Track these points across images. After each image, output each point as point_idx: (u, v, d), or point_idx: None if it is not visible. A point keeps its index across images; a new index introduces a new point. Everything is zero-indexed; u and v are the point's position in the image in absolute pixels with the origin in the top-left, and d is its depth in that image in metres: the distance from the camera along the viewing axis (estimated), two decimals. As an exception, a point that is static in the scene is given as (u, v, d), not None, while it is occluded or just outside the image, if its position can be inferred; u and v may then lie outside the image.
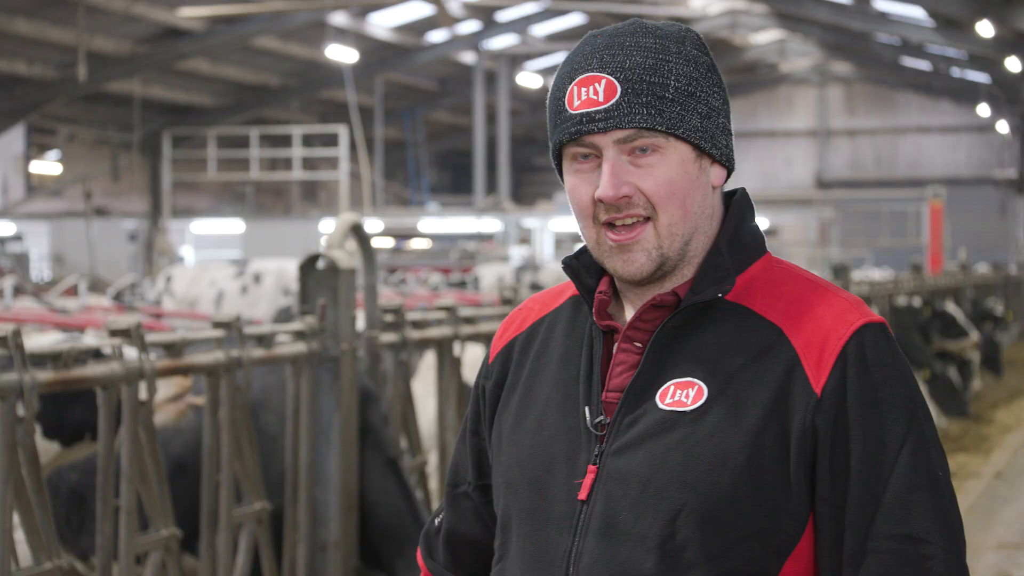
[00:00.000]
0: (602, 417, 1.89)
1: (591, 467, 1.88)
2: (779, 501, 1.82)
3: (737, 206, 1.96)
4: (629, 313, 1.94)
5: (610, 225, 1.87)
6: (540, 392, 1.98)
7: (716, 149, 1.91)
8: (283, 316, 9.89)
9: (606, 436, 1.88)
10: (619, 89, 1.85)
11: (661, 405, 1.86)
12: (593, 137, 1.86)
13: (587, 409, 1.91)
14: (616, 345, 1.92)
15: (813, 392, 1.82)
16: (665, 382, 1.87)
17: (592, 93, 1.86)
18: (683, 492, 1.81)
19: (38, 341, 4.84)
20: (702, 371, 1.85)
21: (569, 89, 1.88)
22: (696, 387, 1.85)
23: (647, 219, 1.87)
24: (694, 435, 1.83)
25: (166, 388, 4.62)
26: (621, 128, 1.85)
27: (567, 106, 1.88)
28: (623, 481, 1.85)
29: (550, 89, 1.94)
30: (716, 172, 1.92)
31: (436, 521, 2.18)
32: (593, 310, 1.95)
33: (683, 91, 1.87)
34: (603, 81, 1.86)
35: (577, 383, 1.94)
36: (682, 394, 1.85)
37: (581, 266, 1.97)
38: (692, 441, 1.82)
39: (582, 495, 1.87)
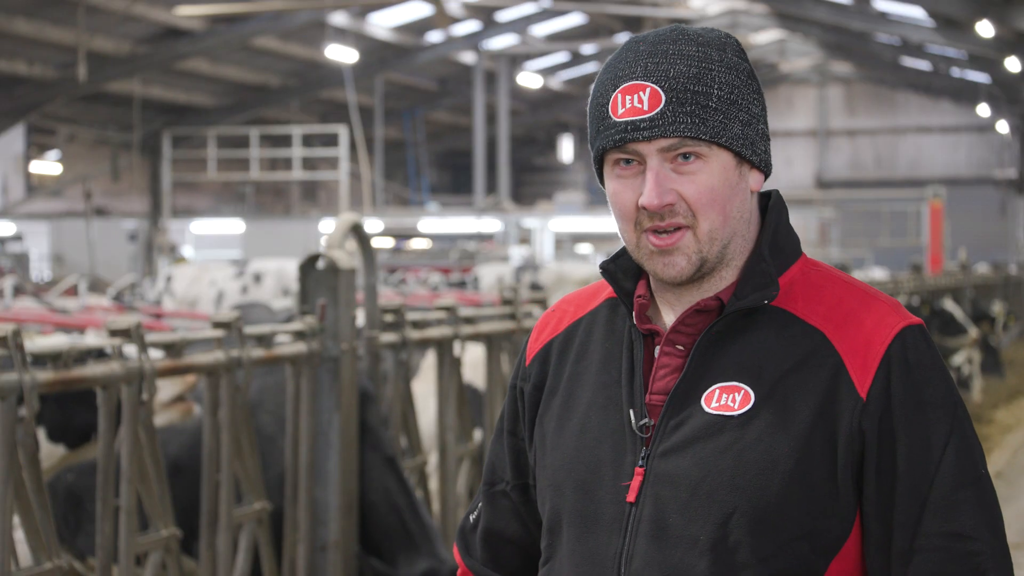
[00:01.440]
0: (647, 419, 1.92)
1: (638, 469, 1.91)
2: (827, 503, 1.86)
3: (774, 209, 2.00)
4: (667, 316, 1.97)
5: (652, 231, 1.90)
6: (582, 395, 2.00)
7: (756, 155, 1.94)
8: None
9: (652, 438, 1.91)
10: (663, 98, 1.88)
11: (707, 409, 1.89)
12: (637, 145, 1.89)
13: (631, 411, 1.94)
14: (658, 348, 1.95)
15: (859, 396, 1.86)
16: (710, 386, 1.90)
17: (636, 101, 1.89)
18: (734, 496, 1.85)
19: (42, 342, 4.85)
20: (748, 376, 1.89)
21: (613, 96, 1.91)
22: (743, 392, 1.89)
23: (687, 227, 1.90)
24: (743, 439, 1.86)
25: (171, 388, 4.63)
26: (666, 137, 1.88)
27: (611, 113, 1.91)
28: (672, 484, 1.88)
29: (591, 94, 1.96)
30: (755, 177, 1.96)
31: (471, 518, 2.19)
32: (633, 314, 1.97)
33: (726, 99, 1.90)
34: (648, 90, 1.88)
35: (619, 386, 1.97)
36: (728, 398, 1.89)
37: (618, 269, 2.00)
38: (741, 445, 1.86)
39: (630, 497, 1.90)
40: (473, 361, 6.85)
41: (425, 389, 6.57)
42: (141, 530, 4.12)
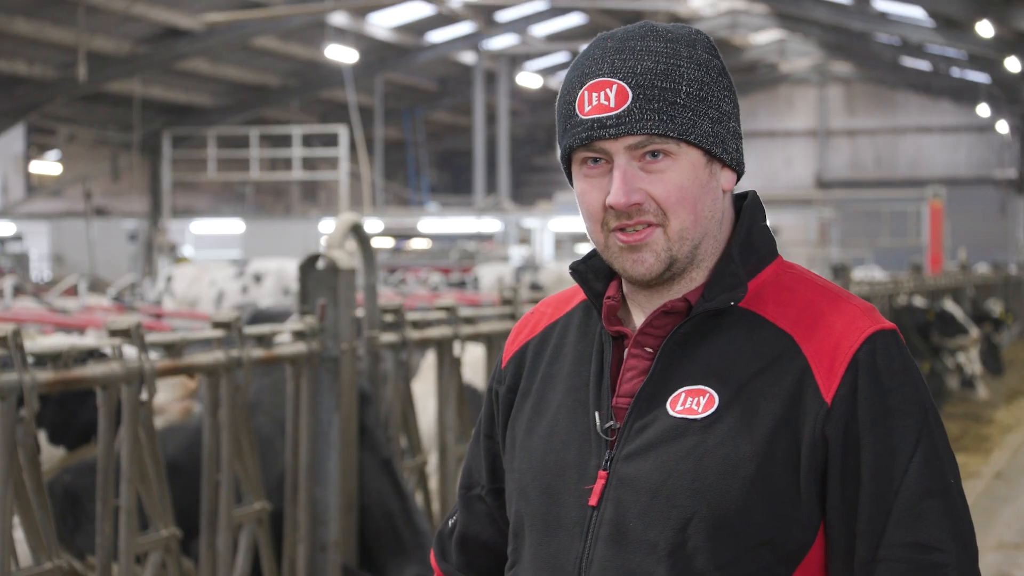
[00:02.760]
0: (612, 422, 1.89)
1: (601, 472, 1.88)
2: (789, 510, 1.81)
3: (748, 210, 1.95)
4: (638, 318, 1.94)
5: (620, 229, 1.87)
6: (552, 398, 1.97)
7: (727, 154, 1.90)
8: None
9: (616, 441, 1.88)
10: (630, 95, 1.84)
11: (672, 412, 1.85)
12: (604, 143, 1.85)
13: (597, 414, 1.90)
14: (626, 351, 1.92)
15: (824, 401, 1.81)
16: (676, 389, 1.86)
17: (603, 99, 1.85)
18: (693, 501, 1.81)
19: (44, 341, 4.84)
20: (713, 379, 1.85)
21: (580, 94, 1.87)
22: (707, 395, 1.84)
23: (657, 224, 1.86)
24: (704, 443, 1.82)
25: (173, 390, 4.63)
26: (632, 134, 1.84)
27: (577, 111, 1.87)
28: (633, 488, 1.85)
29: (559, 92, 1.93)
30: (726, 176, 1.92)
31: (450, 523, 2.18)
32: (602, 315, 1.94)
33: (694, 96, 1.86)
34: (614, 87, 1.85)
35: (587, 388, 1.93)
36: (693, 402, 1.85)
37: (589, 270, 1.97)
38: (702, 450, 1.82)
39: (592, 501, 1.87)
40: (473, 361, 6.85)
41: (425, 389, 6.57)
42: (141, 530, 4.12)
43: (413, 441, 5.83)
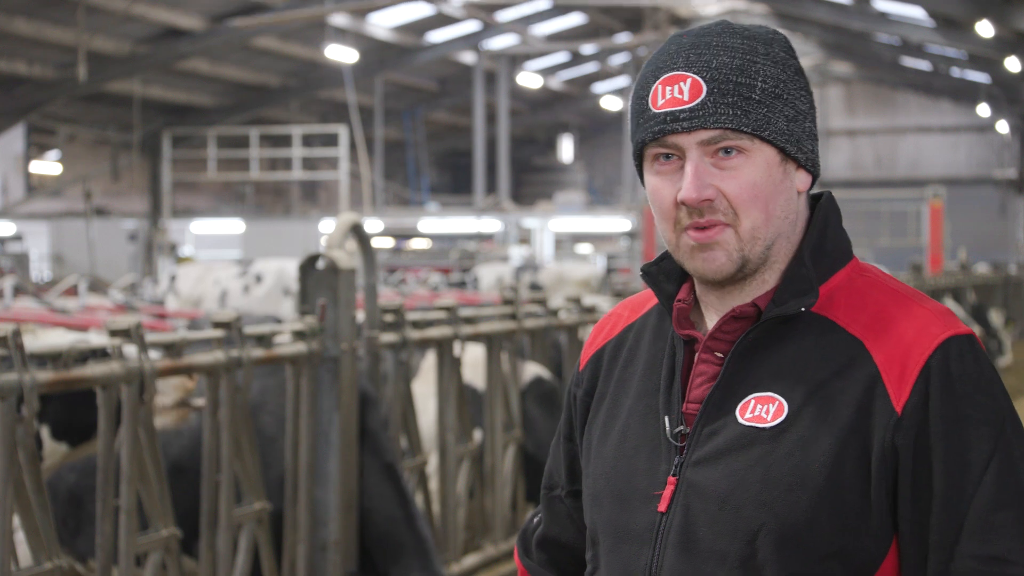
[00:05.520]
0: (682, 427, 1.86)
1: (671, 478, 1.85)
2: (859, 522, 1.78)
3: (822, 211, 1.91)
4: (710, 321, 1.90)
5: (692, 227, 1.83)
6: (625, 402, 1.95)
7: (802, 153, 1.86)
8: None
9: (686, 447, 1.85)
10: (704, 88, 1.81)
11: (741, 420, 1.82)
12: (677, 137, 1.82)
13: (667, 419, 1.88)
14: (696, 355, 1.89)
15: (894, 410, 1.77)
16: (745, 395, 1.83)
17: (677, 92, 1.82)
18: (761, 512, 1.78)
19: (47, 338, 4.84)
20: (782, 386, 1.82)
21: (653, 88, 1.84)
22: (776, 403, 1.81)
23: (728, 224, 1.82)
24: (773, 453, 1.79)
25: (172, 393, 4.62)
26: (706, 128, 1.80)
27: (651, 105, 1.84)
28: (702, 495, 1.82)
29: (633, 89, 1.90)
30: (801, 177, 1.88)
31: (534, 520, 2.18)
32: (673, 318, 1.91)
33: (770, 93, 1.84)
34: (688, 80, 1.82)
35: (658, 393, 1.91)
36: (762, 409, 1.82)
37: (660, 272, 1.94)
38: (771, 460, 1.79)
39: (662, 507, 1.85)
40: (473, 361, 6.84)
41: (424, 390, 6.56)
42: (141, 530, 4.12)
43: (413, 441, 5.82)
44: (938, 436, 1.76)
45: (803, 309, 1.84)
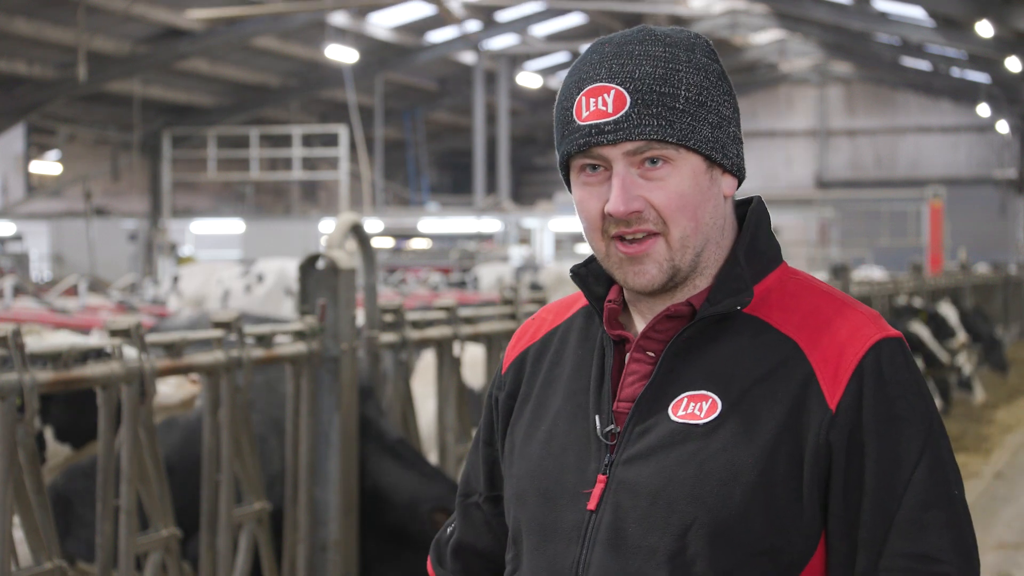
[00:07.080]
0: (612, 426, 1.86)
1: (600, 476, 1.85)
2: (791, 518, 1.79)
3: (754, 215, 1.92)
4: (639, 322, 1.91)
5: (620, 238, 1.84)
6: (552, 403, 1.95)
7: (727, 159, 1.87)
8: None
9: (616, 446, 1.85)
10: (628, 100, 1.80)
11: (673, 417, 1.83)
12: (602, 149, 1.82)
13: (597, 418, 1.88)
14: (628, 355, 1.89)
15: (828, 408, 1.79)
16: (678, 394, 1.84)
17: (601, 104, 1.81)
18: (693, 507, 1.78)
19: (49, 338, 4.84)
20: (716, 384, 1.82)
21: (577, 99, 1.84)
22: (710, 400, 1.82)
23: (657, 234, 1.83)
24: (706, 449, 1.80)
25: (178, 394, 4.62)
26: (631, 140, 1.81)
27: (575, 117, 1.84)
28: (633, 492, 1.82)
29: (557, 98, 1.89)
30: (727, 182, 1.89)
31: (448, 530, 2.16)
32: (603, 319, 1.92)
33: (694, 101, 1.83)
34: (612, 91, 1.81)
35: (588, 393, 1.91)
36: (695, 407, 1.82)
37: (590, 274, 1.94)
38: (704, 455, 1.80)
39: (591, 505, 1.85)
40: (473, 361, 6.85)
41: (422, 390, 6.57)
42: (141, 530, 4.12)
43: (413, 441, 5.82)
44: (871, 434, 1.79)
45: (738, 308, 1.85)
